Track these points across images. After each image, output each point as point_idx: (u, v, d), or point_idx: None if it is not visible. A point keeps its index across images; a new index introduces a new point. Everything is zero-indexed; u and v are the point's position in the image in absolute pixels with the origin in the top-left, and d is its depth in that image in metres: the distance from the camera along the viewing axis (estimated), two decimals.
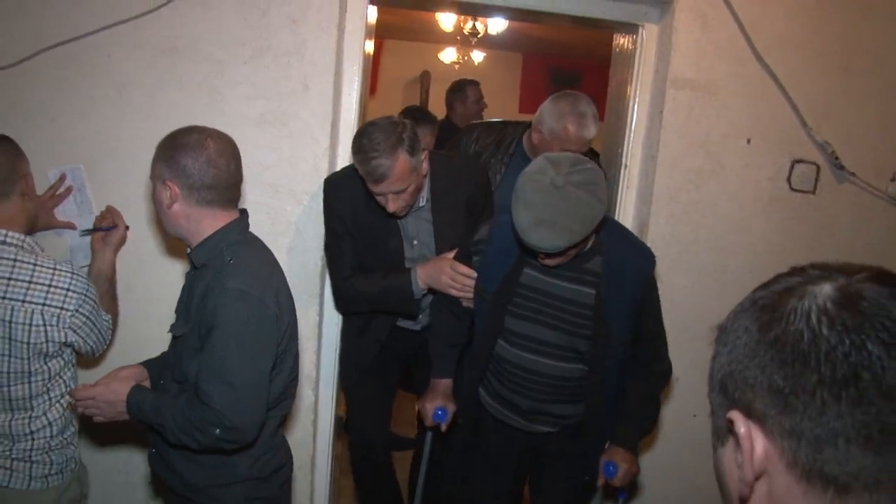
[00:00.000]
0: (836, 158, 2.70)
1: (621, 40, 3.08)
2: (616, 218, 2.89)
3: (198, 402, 1.81)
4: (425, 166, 2.45)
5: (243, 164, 1.93)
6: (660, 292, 2.64)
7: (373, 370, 2.80)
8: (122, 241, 2.48)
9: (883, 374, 0.64)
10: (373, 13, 2.81)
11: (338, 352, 2.91)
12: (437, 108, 5.20)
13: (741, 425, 0.71)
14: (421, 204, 2.55)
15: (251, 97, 2.53)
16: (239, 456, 1.94)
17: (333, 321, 2.86)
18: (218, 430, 1.78)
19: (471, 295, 2.38)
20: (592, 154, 3.01)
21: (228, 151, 1.88)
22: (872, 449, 0.64)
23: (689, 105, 2.65)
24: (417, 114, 4.33)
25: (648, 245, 2.70)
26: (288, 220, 2.63)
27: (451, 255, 2.45)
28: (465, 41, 7.44)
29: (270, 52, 2.50)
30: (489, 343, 2.32)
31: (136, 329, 2.55)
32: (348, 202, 2.51)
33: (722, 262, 2.76)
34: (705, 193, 2.72)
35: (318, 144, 2.58)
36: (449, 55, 8.41)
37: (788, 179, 2.75)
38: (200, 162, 1.81)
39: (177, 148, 1.83)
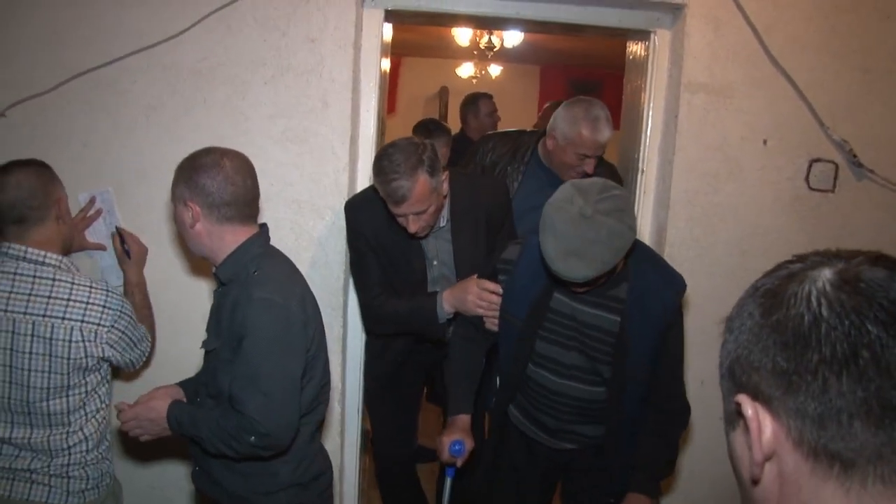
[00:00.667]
0: (855, 156, 2.70)
1: (634, 47, 3.11)
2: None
3: (232, 411, 1.87)
4: (445, 186, 2.45)
5: (267, 182, 2.00)
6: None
7: (394, 384, 2.84)
8: (145, 254, 2.54)
9: (882, 353, 0.66)
10: (388, 31, 2.87)
11: (362, 365, 2.95)
12: (456, 122, 5.23)
13: (748, 407, 0.73)
14: (441, 224, 2.56)
15: (273, 116, 2.59)
16: (280, 463, 1.99)
17: (358, 334, 2.91)
18: (253, 438, 1.84)
19: (496, 314, 2.34)
20: (605, 164, 3.04)
21: (245, 168, 1.95)
22: (874, 424, 0.66)
23: (705, 109, 2.67)
24: (431, 125, 4.39)
25: (667, 248, 2.75)
26: (311, 234, 2.68)
27: (475, 276, 2.43)
28: (481, 55, 7.50)
29: (291, 72, 2.57)
30: (520, 367, 2.29)
31: (167, 349, 2.61)
32: (370, 224, 2.53)
33: (743, 264, 2.76)
34: (724, 196, 2.73)
35: (338, 160, 2.63)
36: (466, 70, 8.50)
37: (807, 179, 2.75)
38: (219, 180, 1.88)
39: (195, 169, 1.90)
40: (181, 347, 2.62)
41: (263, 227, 2.03)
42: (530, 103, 8.95)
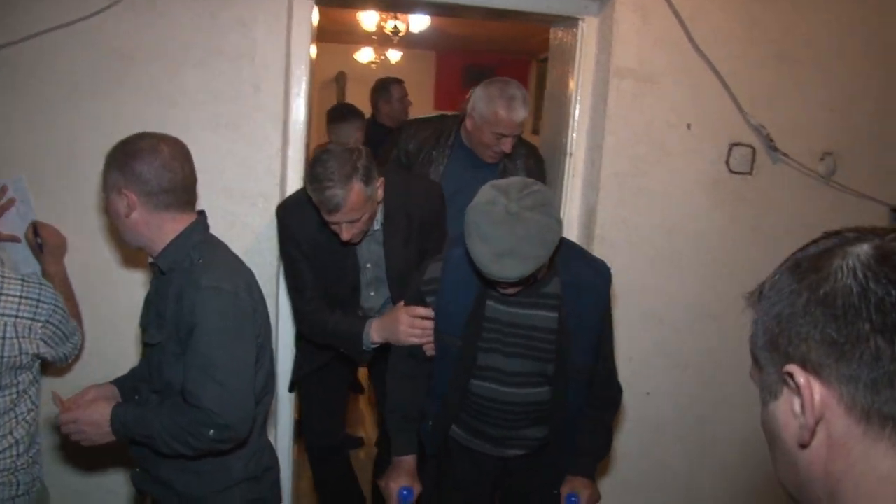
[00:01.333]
0: (771, 141, 2.83)
1: (560, 34, 3.16)
2: (563, 204, 2.98)
3: (186, 407, 1.81)
4: (380, 193, 2.40)
5: (197, 169, 1.93)
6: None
7: (325, 369, 2.82)
8: (62, 245, 2.43)
9: None
10: (316, 15, 2.82)
11: (293, 353, 2.92)
12: (360, 107, 5.18)
13: (800, 377, 0.76)
14: (375, 227, 2.52)
15: (203, 101, 2.51)
16: (233, 458, 1.95)
17: (290, 323, 2.87)
18: (212, 431, 1.79)
19: (431, 339, 2.28)
20: (526, 145, 3.09)
21: (182, 154, 1.88)
22: None
23: (633, 94, 2.75)
24: (345, 110, 4.35)
25: (598, 229, 2.82)
26: (243, 222, 2.62)
27: (402, 304, 2.36)
28: (382, 41, 7.45)
29: (221, 55, 2.49)
30: (462, 383, 2.23)
31: (97, 344, 2.51)
32: (302, 228, 2.48)
33: (669, 244, 2.87)
34: (651, 179, 2.82)
35: (271, 146, 2.58)
36: (366, 55, 8.42)
37: (727, 162, 2.87)
38: (156, 167, 1.81)
39: (130, 155, 1.82)
40: (111, 342, 2.53)
41: (202, 214, 1.98)
42: (427, 89, 9.00)
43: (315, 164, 2.27)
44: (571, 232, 2.97)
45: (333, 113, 4.31)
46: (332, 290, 2.56)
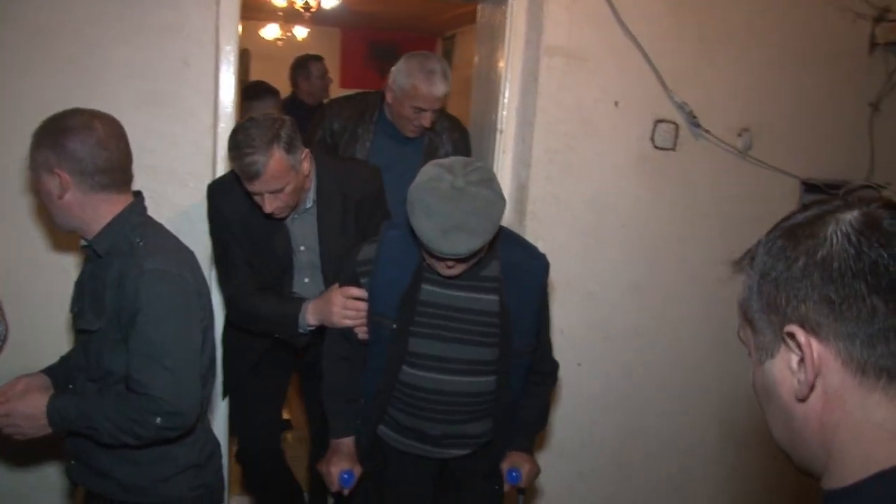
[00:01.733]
0: (694, 117, 2.94)
1: (488, 11, 3.18)
2: None
3: (130, 394, 1.76)
4: (306, 165, 2.34)
5: None
6: (542, 251, 2.81)
7: (260, 369, 2.71)
8: None
9: None
10: None
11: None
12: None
13: (801, 335, 0.82)
14: (307, 206, 2.46)
15: (128, 76, 2.44)
16: (177, 446, 1.90)
17: (222, 307, 2.82)
18: (159, 419, 1.75)
19: (364, 322, 2.24)
20: (450, 119, 3.12)
21: (117, 131, 1.82)
22: None
23: (563, 72, 2.80)
24: (259, 87, 4.26)
25: (529, 205, 2.88)
26: (172, 202, 2.56)
27: (336, 285, 2.31)
28: (289, 17, 7.29)
29: (148, 29, 2.41)
30: (394, 371, 2.16)
31: (23, 332, 2.42)
32: (232, 208, 2.40)
33: (599, 218, 2.95)
34: (580, 155, 2.88)
35: (200, 123, 2.53)
36: (272, 32, 8.25)
37: (652, 138, 2.96)
38: (90, 145, 1.74)
39: (62, 132, 1.74)
40: (39, 329, 2.44)
41: (139, 195, 1.93)
42: (332, 66, 8.80)
43: (236, 132, 2.24)
44: None
45: (248, 91, 4.22)
46: (263, 274, 2.49)
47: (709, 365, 3.25)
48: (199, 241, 2.59)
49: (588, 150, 2.89)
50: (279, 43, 8.15)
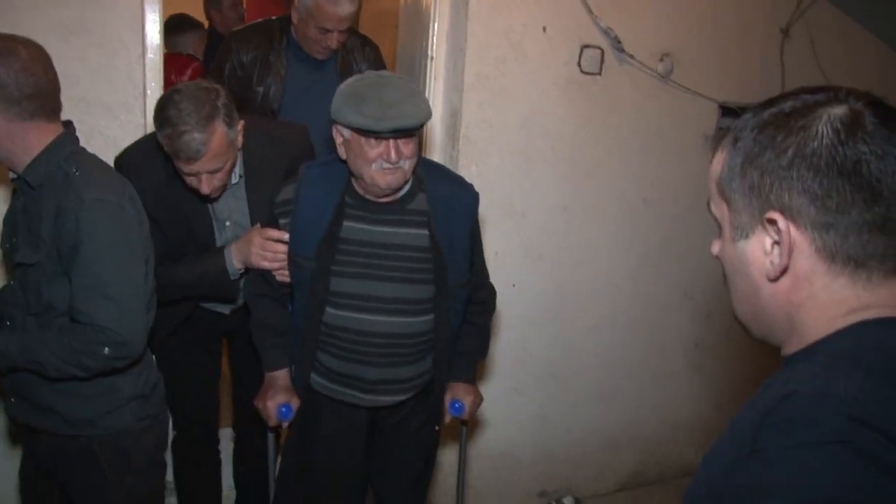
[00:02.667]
0: (619, 43, 3.02)
1: None
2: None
3: (76, 326, 1.76)
4: (240, 139, 2.18)
5: None
6: (476, 175, 2.89)
7: (186, 338, 2.54)
8: None
9: (892, 179, 0.84)
10: None
11: None
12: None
13: (782, 222, 0.88)
14: (234, 181, 2.28)
15: (47, 3, 2.34)
16: (122, 377, 1.92)
17: None
18: (107, 349, 1.76)
19: (284, 264, 2.16)
20: (370, 44, 3.10)
21: (42, 56, 1.77)
22: (886, 234, 0.86)
23: None
24: (181, 20, 4.13)
25: (463, 130, 2.93)
26: (104, 134, 2.51)
27: (257, 225, 2.23)
28: None
29: None
30: (317, 313, 2.09)
31: None
32: (146, 184, 2.13)
33: (529, 142, 3.03)
34: (511, 79, 2.94)
35: (129, 52, 2.47)
36: None
37: (579, 63, 3.04)
38: (15, 70, 1.69)
39: None
40: None
41: (70, 124, 1.89)
42: None
43: (166, 105, 2.02)
44: (435, 134, 3.06)
45: (171, 23, 4.09)
46: (178, 251, 2.32)
47: (634, 280, 3.42)
48: None
49: (518, 75, 2.95)
50: None
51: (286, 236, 2.12)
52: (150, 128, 2.52)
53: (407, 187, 2.08)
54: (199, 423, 2.71)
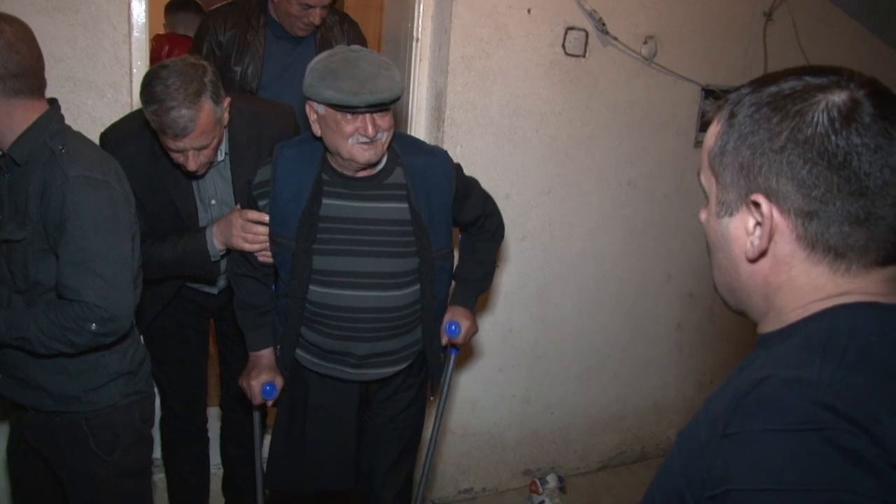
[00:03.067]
0: (603, 25, 3.05)
1: None
2: (412, 89, 3.08)
3: (64, 303, 1.78)
4: (226, 116, 2.19)
5: None
6: (461, 156, 2.91)
7: (173, 322, 2.58)
8: None
9: (880, 174, 0.84)
10: None
11: None
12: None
13: (766, 205, 0.88)
14: (219, 158, 2.29)
15: None
16: (109, 353, 1.94)
17: None
18: (94, 325, 1.78)
19: (266, 246, 2.16)
20: (350, 22, 3.08)
21: (28, 35, 1.78)
22: (867, 228, 0.86)
23: None
24: (179, 1, 4.16)
25: (448, 111, 2.95)
26: (91, 114, 2.52)
27: (237, 206, 2.23)
28: None
29: None
30: (301, 292, 2.10)
31: None
32: (131, 160, 2.14)
33: (513, 123, 3.05)
34: (495, 61, 2.96)
35: (116, 32, 2.47)
36: None
37: (563, 45, 3.06)
38: (0, 48, 1.71)
39: None
40: None
41: (55, 102, 1.91)
42: None
43: (153, 81, 2.02)
44: (421, 115, 3.09)
45: (172, 3, 4.11)
46: (162, 230, 2.33)
47: (617, 261, 3.47)
48: None
49: (503, 57, 2.97)
50: None
51: (266, 217, 2.12)
52: (137, 106, 2.54)
53: (384, 161, 2.09)
54: (187, 400, 2.73)
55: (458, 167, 2.24)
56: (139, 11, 2.59)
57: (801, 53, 3.43)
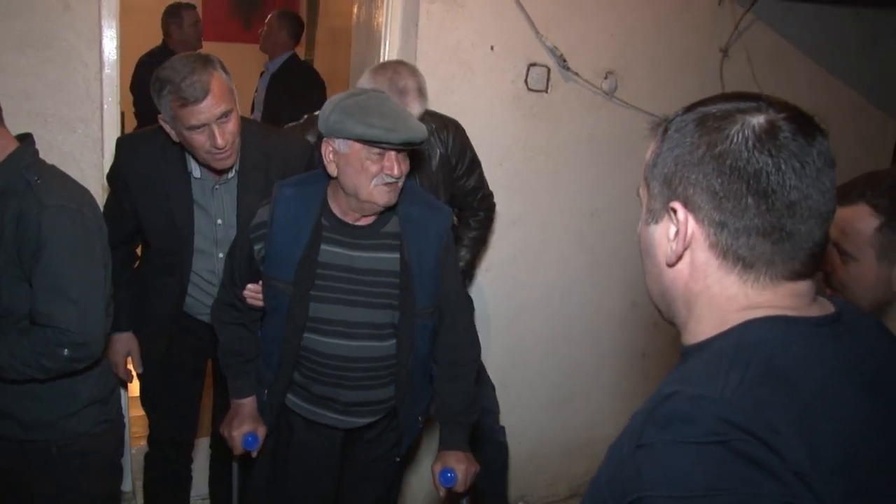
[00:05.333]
0: (564, 61, 3.15)
1: None
2: None
3: (37, 328, 1.81)
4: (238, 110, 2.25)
5: (2, 94, 1.90)
6: None
7: (166, 371, 2.58)
8: None
9: (788, 192, 0.89)
10: None
11: None
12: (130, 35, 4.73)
13: (681, 213, 0.94)
14: (229, 176, 2.34)
15: (4, 16, 2.40)
16: (81, 380, 1.97)
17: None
18: (66, 351, 1.81)
19: (261, 301, 2.14)
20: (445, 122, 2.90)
21: None
22: (773, 241, 0.91)
23: (441, 17, 2.94)
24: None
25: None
26: (61, 150, 2.56)
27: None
28: None
29: None
30: (296, 339, 2.06)
31: None
32: (142, 162, 2.27)
33: (477, 156, 3.13)
34: (460, 96, 3.04)
35: (87, 68, 2.53)
36: None
37: (526, 81, 3.16)
38: None
39: None
40: None
41: (29, 136, 1.96)
42: None
43: (163, 69, 2.14)
44: None
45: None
46: (158, 243, 2.38)
47: (583, 290, 3.53)
48: (89, 187, 2.57)
49: (467, 93, 3.06)
50: None
51: (258, 289, 2.13)
52: (108, 142, 2.60)
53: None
54: (175, 442, 2.73)
55: (452, 240, 2.19)
56: (110, 48, 2.65)
57: (756, 87, 3.55)
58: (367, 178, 1.92)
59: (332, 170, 1.99)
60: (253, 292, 2.15)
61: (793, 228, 0.91)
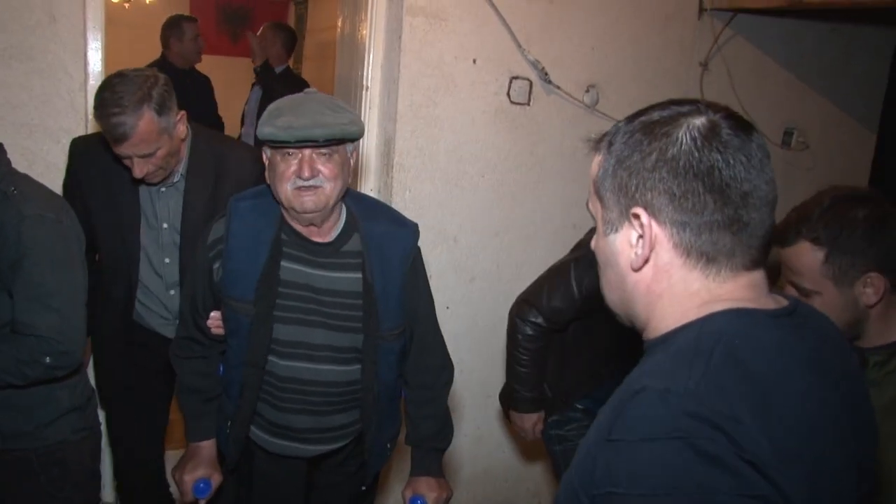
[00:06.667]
0: (546, 74, 3.20)
1: None
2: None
3: (18, 337, 1.83)
4: (181, 129, 2.22)
5: None
6: (409, 201, 3.01)
7: (135, 386, 2.55)
8: None
9: (741, 184, 0.95)
10: None
11: None
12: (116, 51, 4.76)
13: (645, 217, 0.98)
14: (174, 179, 2.32)
15: None
16: (60, 388, 1.98)
17: None
18: (48, 359, 1.83)
19: (221, 328, 2.03)
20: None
21: None
22: (732, 233, 0.96)
23: (424, 31, 2.98)
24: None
25: (396, 157, 3.04)
26: (45, 160, 2.60)
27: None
28: None
29: None
30: (260, 362, 1.94)
31: None
32: (90, 164, 2.27)
33: (459, 168, 3.17)
34: (442, 109, 3.08)
35: (71, 80, 2.56)
36: None
37: (508, 94, 3.20)
38: None
39: None
40: None
41: (1, 146, 1.97)
42: None
43: (103, 88, 2.11)
44: (371, 162, 3.19)
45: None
46: (105, 247, 2.36)
47: None
48: None
49: (449, 105, 3.10)
50: (126, 6, 7.72)
51: (217, 314, 2.03)
52: None
53: (341, 226, 1.96)
54: (139, 460, 2.68)
55: (420, 258, 2.08)
56: (95, 60, 2.68)
57: (735, 99, 3.60)
58: (282, 182, 1.83)
59: (267, 177, 1.92)
60: (216, 320, 2.05)
61: (748, 218, 0.97)
